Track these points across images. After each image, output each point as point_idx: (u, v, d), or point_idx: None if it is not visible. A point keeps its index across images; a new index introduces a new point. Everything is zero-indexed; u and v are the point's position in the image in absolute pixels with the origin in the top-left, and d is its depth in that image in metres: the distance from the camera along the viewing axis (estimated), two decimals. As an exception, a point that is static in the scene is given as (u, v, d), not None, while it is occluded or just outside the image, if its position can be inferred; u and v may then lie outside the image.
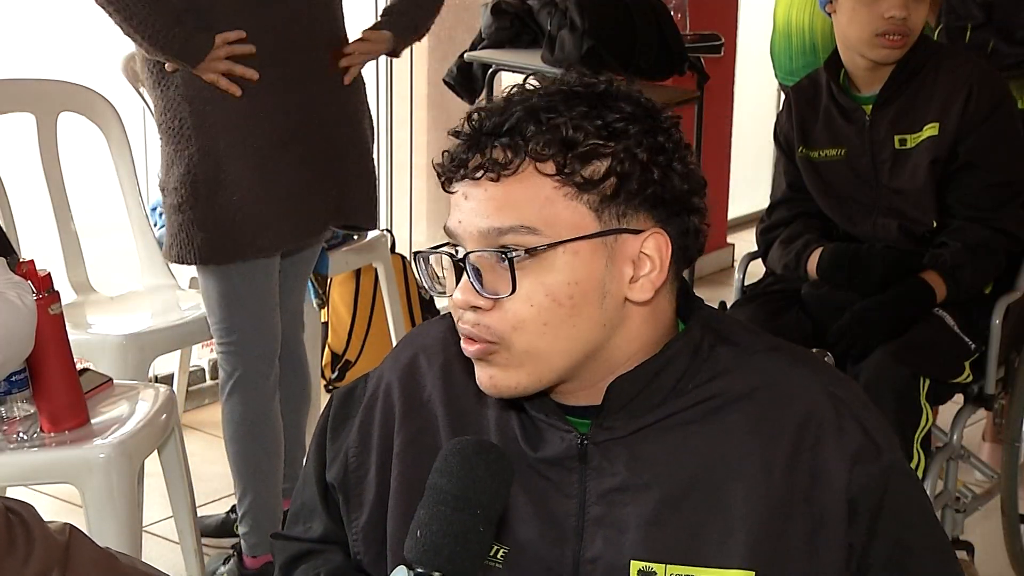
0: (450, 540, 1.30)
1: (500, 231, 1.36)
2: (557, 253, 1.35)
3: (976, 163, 2.88)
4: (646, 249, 1.39)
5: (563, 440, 1.44)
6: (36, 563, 1.50)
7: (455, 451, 1.35)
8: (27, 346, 2.14)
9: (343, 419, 1.57)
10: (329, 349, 4.30)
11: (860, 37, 2.88)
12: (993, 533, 3.29)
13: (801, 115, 3.04)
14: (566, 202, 1.36)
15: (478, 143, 1.38)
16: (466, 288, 1.38)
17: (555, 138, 1.35)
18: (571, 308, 1.37)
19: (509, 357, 1.38)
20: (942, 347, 2.87)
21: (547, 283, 1.36)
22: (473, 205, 1.37)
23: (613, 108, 1.38)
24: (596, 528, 1.42)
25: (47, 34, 3.91)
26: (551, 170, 1.35)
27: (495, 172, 1.36)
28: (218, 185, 2.89)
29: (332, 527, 1.58)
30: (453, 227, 1.40)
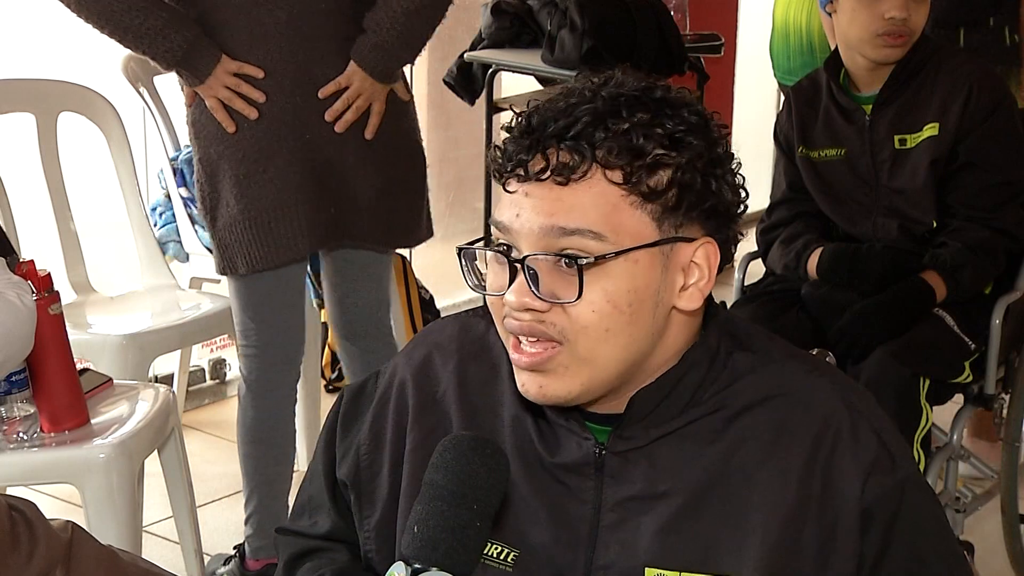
0: (447, 535, 1.31)
1: (564, 231, 1.35)
2: (619, 261, 1.35)
3: (976, 163, 2.88)
4: (696, 258, 1.40)
5: (580, 447, 1.43)
6: (39, 560, 1.50)
7: (451, 447, 1.36)
8: (27, 346, 2.14)
9: (354, 416, 1.56)
10: (329, 349, 4.30)
11: (861, 37, 2.88)
12: (993, 533, 3.29)
13: (801, 115, 3.04)
14: (631, 210, 1.36)
15: (540, 143, 1.36)
16: (522, 290, 1.37)
17: (624, 146, 1.35)
18: (630, 316, 1.37)
19: (568, 362, 1.37)
20: (942, 347, 2.86)
21: (608, 290, 1.36)
22: (535, 203, 1.36)
23: (674, 117, 1.38)
24: (610, 535, 1.42)
25: (47, 34, 3.90)
26: (619, 178, 1.35)
27: (563, 175, 1.35)
28: (217, 197, 2.85)
29: (340, 523, 1.57)
30: (508, 222, 1.38)
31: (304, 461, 3.73)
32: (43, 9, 3.65)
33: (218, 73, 2.78)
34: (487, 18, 4.66)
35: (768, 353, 1.46)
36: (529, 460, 1.45)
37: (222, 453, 3.88)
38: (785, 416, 1.41)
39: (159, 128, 3.68)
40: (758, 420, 1.41)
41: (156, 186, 3.83)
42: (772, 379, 1.43)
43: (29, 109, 3.34)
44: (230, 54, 2.79)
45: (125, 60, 3.63)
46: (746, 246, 3.38)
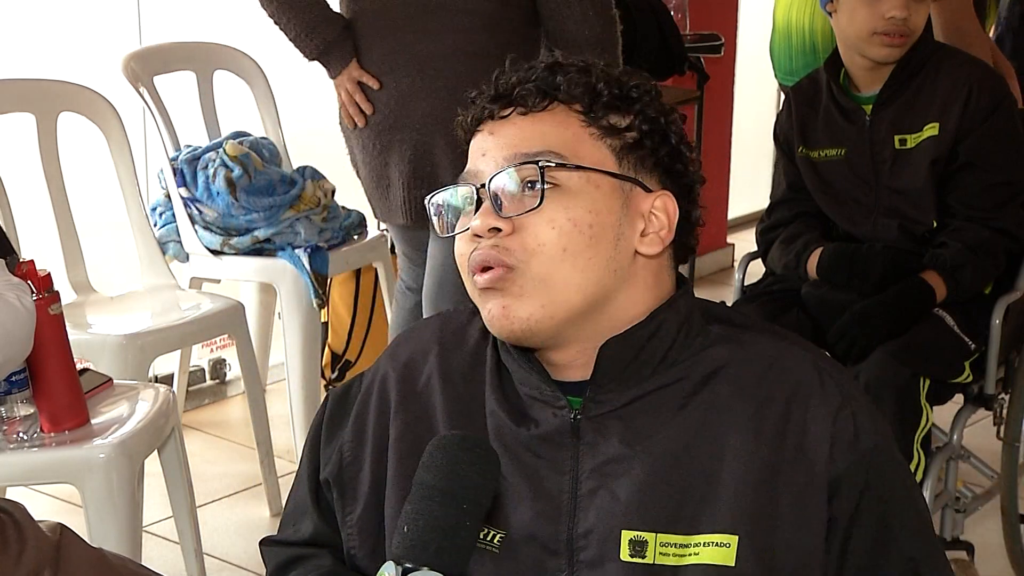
0: (437, 535, 1.31)
1: (527, 155, 1.42)
2: (582, 180, 1.42)
3: (976, 163, 2.88)
4: (656, 208, 1.45)
5: (556, 416, 1.45)
6: (28, 562, 1.50)
7: (440, 446, 1.37)
8: (26, 347, 2.14)
9: (339, 419, 1.57)
10: (329, 349, 4.30)
11: (860, 36, 2.88)
12: (993, 533, 3.29)
13: (801, 115, 3.04)
14: (592, 141, 1.44)
15: (504, 95, 1.46)
16: (487, 212, 1.42)
17: (584, 84, 1.45)
18: (590, 238, 1.41)
19: (524, 283, 1.41)
20: (942, 347, 2.86)
21: (569, 207, 1.41)
22: (499, 138, 1.45)
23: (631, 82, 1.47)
24: (588, 501, 1.43)
25: (47, 34, 3.90)
26: (579, 109, 1.44)
27: (524, 106, 1.44)
28: (355, 161, 3.32)
29: (322, 527, 1.57)
30: (474, 164, 1.46)
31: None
32: (43, 9, 3.66)
33: (343, 76, 3.22)
34: (487, 18, 4.65)
35: (744, 325, 1.50)
36: (508, 439, 1.46)
37: (222, 453, 3.89)
38: (759, 380, 1.44)
39: (159, 128, 3.68)
40: (732, 383, 1.44)
41: (156, 186, 3.83)
42: (748, 345, 1.46)
43: (29, 109, 3.34)
44: (362, 60, 3.20)
45: (125, 60, 3.63)
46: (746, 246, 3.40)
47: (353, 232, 3.82)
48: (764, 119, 5.48)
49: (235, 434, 4.00)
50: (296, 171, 3.77)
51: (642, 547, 1.40)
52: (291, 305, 3.65)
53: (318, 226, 3.68)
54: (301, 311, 3.65)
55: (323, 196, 3.72)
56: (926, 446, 2.82)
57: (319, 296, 3.61)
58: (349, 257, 3.81)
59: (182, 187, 3.64)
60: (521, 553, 1.44)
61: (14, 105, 3.33)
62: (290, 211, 3.64)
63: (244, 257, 3.64)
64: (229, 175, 3.59)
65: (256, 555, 3.39)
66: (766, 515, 1.40)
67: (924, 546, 1.47)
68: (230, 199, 3.58)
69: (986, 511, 3.28)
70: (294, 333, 3.67)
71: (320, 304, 3.64)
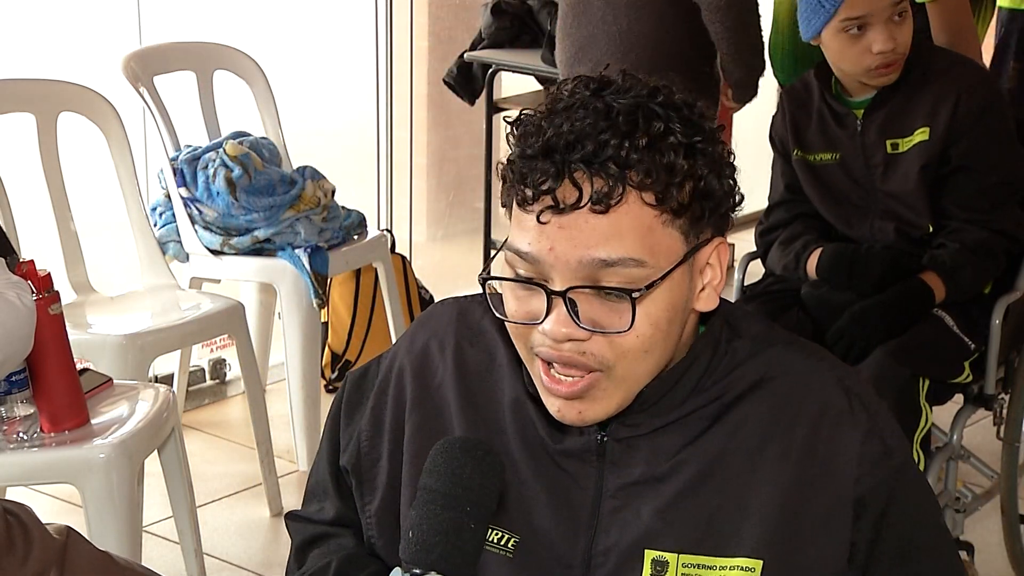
0: (441, 539, 1.31)
1: (606, 263, 1.32)
2: (662, 282, 1.34)
3: (970, 166, 2.87)
4: (711, 259, 1.40)
5: (583, 433, 1.44)
6: (34, 564, 1.51)
7: (442, 450, 1.36)
8: (26, 346, 2.14)
9: (357, 402, 1.57)
10: (329, 349, 4.30)
11: (853, 73, 2.87)
12: (993, 533, 3.29)
13: (794, 118, 3.04)
14: (664, 230, 1.34)
15: (568, 169, 1.31)
16: (565, 321, 1.33)
17: (656, 165, 1.31)
18: (667, 332, 1.37)
19: (608, 385, 1.37)
20: (942, 347, 2.86)
21: (651, 313, 1.34)
22: (572, 234, 1.31)
23: (682, 121, 1.35)
24: (610, 520, 1.42)
25: (47, 34, 3.90)
26: (652, 199, 1.32)
27: (602, 204, 1.31)
28: None
29: (344, 510, 1.58)
30: (539, 254, 1.33)
31: (304, 461, 3.74)
32: (43, 9, 3.66)
33: None
34: (487, 18, 4.66)
35: (767, 339, 1.47)
36: (532, 445, 1.45)
37: (222, 453, 3.89)
38: (784, 400, 1.42)
39: (159, 128, 3.68)
40: (757, 404, 1.42)
41: (156, 186, 3.83)
42: (772, 364, 1.44)
43: (29, 109, 3.34)
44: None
45: (125, 60, 3.63)
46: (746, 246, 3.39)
47: (353, 232, 3.82)
48: (764, 119, 5.45)
49: (235, 434, 4.00)
50: (296, 171, 3.77)
51: (663, 567, 1.40)
52: (291, 305, 3.65)
53: (318, 226, 3.68)
54: (301, 311, 3.65)
55: (323, 196, 3.72)
56: (926, 446, 2.82)
57: (319, 296, 3.61)
58: (349, 257, 3.81)
59: (182, 187, 3.64)
60: (534, 562, 1.44)
61: (14, 105, 3.33)
62: (290, 211, 3.64)
63: (244, 257, 3.64)
64: (229, 175, 3.59)
65: (256, 555, 3.41)
66: (791, 538, 1.39)
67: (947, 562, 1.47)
68: (230, 199, 3.58)
69: (986, 511, 3.28)
70: (294, 333, 3.67)
71: (320, 304, 3.64)
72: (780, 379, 1.43)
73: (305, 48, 5.24)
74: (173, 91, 3.76)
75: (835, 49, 2.86)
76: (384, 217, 4.96)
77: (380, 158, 4.98)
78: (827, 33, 2.85)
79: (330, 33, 5.35)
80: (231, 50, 3.91)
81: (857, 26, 2.80)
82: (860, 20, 2.80)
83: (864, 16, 2.79)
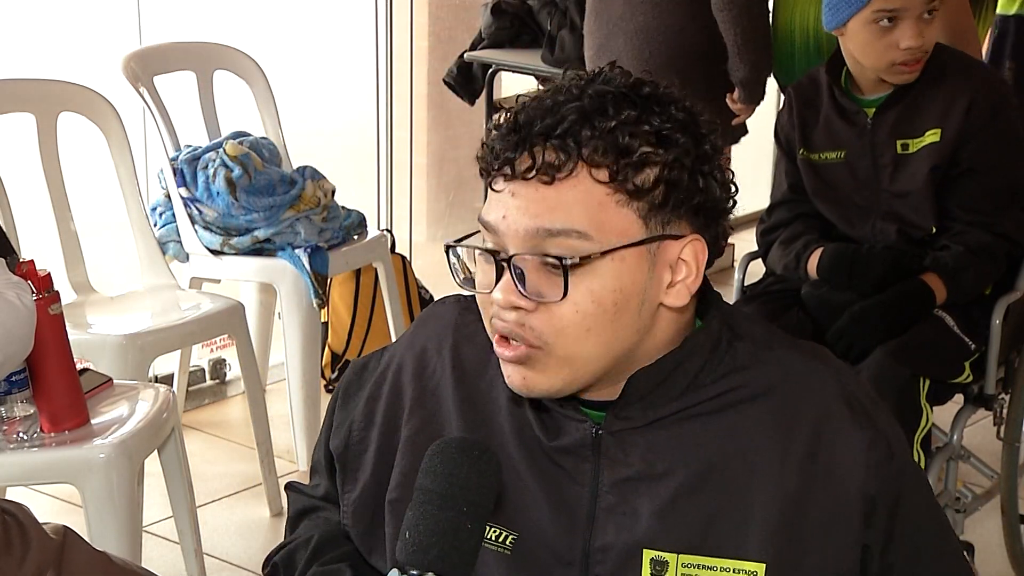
0: (438, 539, 1.32)
1: (550, 232, 1.35)
2: (605, 260, 1.35)
3: (977, 168, 2.87)
4: (684, 255, 1.40)
5: (578, 429, 1.44)
6: (31, 564, 1.51)
7: (438, 451, 1.37)
8: (26, 346, 2.14)
9: (356, 388, 1.58)
10: (329, 349, 4.30)
11: (876, 67, 2.85)
12: (993, 533, 3.29)
13: (802, 115, 3.03)
14: (617, 208, 1.36)
15: (527, 141, 1.36)
16: (508, 288, 1.37)
17: (610, 144, 1.34)
18: (614, 314, 1.37)
19: (548, 362, 1.38)
20: (942, 347, 2.86)
21: (594, 289, 1.36)
22: (521, 204, 1.36)
23: (661, 113, 1.37)
24: (607, 517, 1.42)
25: (47, 34, 3.91)
26: (604, 177, 1.35)
27: (548, 175, 1.35)
28: None
29: (331, 490, 1.61)
30: (495, 222, 1.38)
31: (304, 461, 3.74)
32: (43, 9, 3.66)
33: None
34: (487, 18, 4.66)
35: (769, 342, 1.47)
36: (528, 443, 1.46)
37: (222, 453, 3.89)
38: (786, 403, 1.42)
39: (159, 128, 3.68)
40: (759, 406, 1.42)
41: (156, 186, 3.83)
42: (774, 367, 1.44)
43: (29, 109, 3.34)
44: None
45: (125, 60, 3.63)
46: (746, 246, 3.39)
47: (353, 232, 3.82)
48: (765, 119, 5.46)
49: (235, 434, 4.00)
50: (296, 171, 3.77)
51: (663, 567, 1.40)
52: (291, 305, 3.65)
53: (318, 226, 3.68)
54: (301, 311, 3.65)
55: (323, 196, 3.72)
56: (926, 446, 2.82)
57: (319, 296, 3.61)
58: (349, 257, 3.81)
59: (182, 187, 3.64)
60: (532, 559, 1.44)
61: (14, 105, 3.33)
62: (290, 211, 3.64)
63: (244, 257, 3.64)
64: (229, 175, 3.59)
65: (256, 555, 3.41)
66: (794, 542, 1.39)
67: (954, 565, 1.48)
68: (230, 199, 3.58)
69: (986, 511, 3.28)
70: (294, 333, 3.67)
71: (320, 304, 3.64)
72: (782, 384, 1.43)
73: (305, 48, 5.25)
74: (173, 91, 3.77)
75: (861, 40, 2.84)
76: (384, 217, 4.96)
77: (380, 158, 4.98)
78: (855, 23, 2.83)
79: (330, 33, 5.35)
80: (231, 50, 3.91)
81: (888, 18, 2.79)
82: (893, 12, 2.78)
83: (898, 9, 2.78)
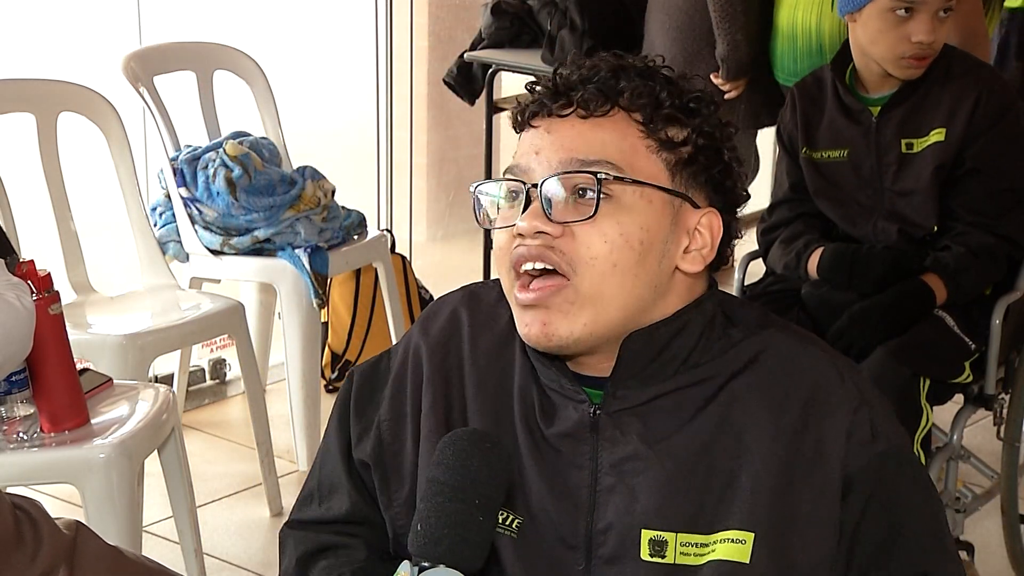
0: (449, 531, 1.32)
1: (583, 163, 1.40)
2: (636, 194, 1.40)
3: (982, 169, 2.87)
4: (701, 226, 1.45)
5: (576, 411, 1.45)
6: (44, 559, 1.51)
7: (450, 443, 1.37)
8: (25, 347, 2.14)
9: (369, 395, 1.56)
10: (329, 349, 4.30)
11: (884, 57, 2.85)
12: (993, 533, 3.29)
13: (805, 114, 3.03)
14: (647, 154, 1.42)
15: (565, 89, 1.43)
16: (536, 214, 1.40)
17: (647, 92, 1.42)
18: (640, 254, 1.40)
19: (574, 297, 1.40)
20: (942, 347, 2.86)
21: (622, 221, 1.40)
22: (555, 139, 1.42)
23: (690, 91, 1.45)
24: (608, 497, 1.43)
25: (47, 34, 3.91)
26: (639, 119, 1.42)
27: (586, 109, 1.41)
28: None
29: (359, 502, 1.55)
30: (525, 161, 1.43)
31: (304, 461, 3.74)
32: (43, 9, 3.66)
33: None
34: (487, 18, 4.66)
35: (762, 324, 1.50)
36: (532, 430, 1.47)
37: (222, 453, 3.89)
38: (777, 380, 1.44)
39: (159, 128, 3.68)
40: (752, 384, 1.44)
41: (156, 186, 3.83)
42: (764, 344, 1.46)
43: (29, 109, 3.34)
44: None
45: (125, 60, 3.63)
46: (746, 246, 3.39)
47: (353, 232, 3.82)
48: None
49: (235, 434, 4.00)
50: (296, 171, 3.77)
51: (662, 547, 1.41)
52: (291, 305, 3.65)
53: (318, 226, 3.68)
54: (301, 311, 3.65)
55: (323, 196, 3.72)
56: (926, 446, 2.82)
57: (319, 296, 3.61)
58: (349, 257, 3.81)
59: (182, 187, 3.64)
60: (538, 542, 1.44)
61: (14, 105, 3.33)
62: (290, 211, 3.64)
63: (244, 257, 3.64)
64: (229, 175, 3.59)
65: (256, 555, 3.41)
66: (783, 514, 1.40)
67: (936, 556, 1.46)
68: (230, 199, 3.58)
69: (986, 511, 3.28)
70: (294, 333, 3.68)
71: (320, 304, 3.64)
72: (774, 362, 1.45)
73: (305, 48, 5.25)
74: (173, 91, 3.77)
75: (873, 29, 2.84)
76: (384, 217, 4.96)
77: (380, 158, 4.98)
78: (871, 10, 2.83)
79: (330, 33, 5.35)
80: (231, 50, 3.91)
81: (905, 8, 2.79)
82: (911, 4, 2.79)
83: (916, 2, 2.78)
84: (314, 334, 3.73)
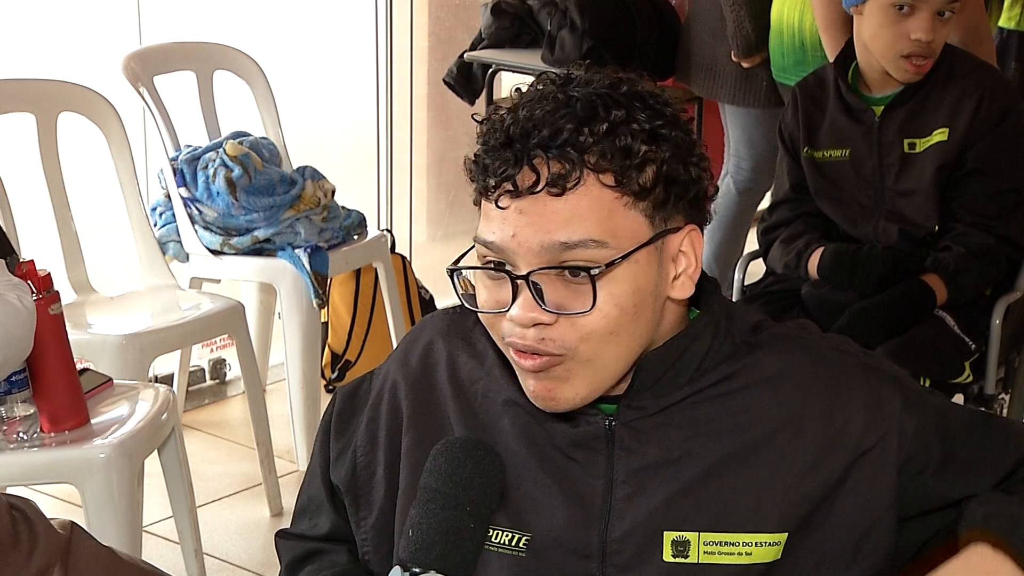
0: (441, 537, 1.32)
1: (567, 245, 1.33)
2: (624, 264, 1.35)
3: (983, 169, 2.87)
4: (684, 247, 1.41)
5: (589, 423, 1.44)
6: (39, 559, 1.51)
7: (442, 450, 1.37)
8: (26, 347, 2.14)
9: (348, 416, 1.56)
10: (329, 349, 4.30)
11: (884, 55, 2.85)
12: (993, 533, 3.28)
13: (807, 114, 3.03)
14: (625, 211, 1.35)
15: (526, 155, 1.34)
16: (530, 305, 1.35)
17: (612, 148, 1.34)
18: (634, 315, 1.37)
19: (572, 367, 1.37)
20: (942, 347, 2.86)
21: (615, 294, 1.35)
22: (531, 220, 1.34)
23: (645, 109, 1.37)
24: (625, 506, 1.42)
25: (47, 34, 3.91)
26: (611, 181, 1.34)
27: (557, 186, 1.33)
28: None
29: (339, 524, 1.57)
30: (502, 241, 1.35)
31: (304, 461, 3.74)
32: (43, 9, 3.66)
33: None
34: (487, 18, 4.66)
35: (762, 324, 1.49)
36: (536, 441, 1.45)
37: (222, 453, 3.89)
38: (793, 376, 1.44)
39: (159, 128, 3.68)
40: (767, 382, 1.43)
41: (156, 186, 3.83)
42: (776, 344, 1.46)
43: (29, 109, 3.34)
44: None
45: (125, 60, 3.63)
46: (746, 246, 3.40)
47: (353, 232, 3.82)
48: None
49: (235, 434, 4.00)
50: (296, 171, 3.77)
51: (685, 547, 1.41)
52: (291, 305, 3.65)
53: (318, 226, 3.68)
54: (301, 311, 3.65)
55: (323, 196, 3.72)
56: (926, 446, 2.82)
57: (319, 296, 3.61)
58: (349, 257, 3.81)
59: (182, 187, 3.64)
60: (548, 557, 1.43)
61: (14, 105, 3.33)
62: (290, 211, 3.64)
63: (244, 257, 3.64)
64: (229, 175, 3.59)
65: (256, 555, 3.41)
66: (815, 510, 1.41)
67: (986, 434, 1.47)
68: (230, 199, 3.58)
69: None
70: (294, 333, 3.68)
71: (320, 304, 3.64)
72: (776, 357, 1.45)
73: (305, 48, 5.25)
74: (173, 91, 3.77)
75: (873, 24, 2.85)
76: (384, 217, 4.96)
77: (380, 158, 4.98)
78: (873, 4, 2.84)
79: (330, 33, 5.35)
80: (231, 50, 3.91)
81: (908, 5, 2.79)
82: (912, 0, 2.79)
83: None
84: (314, 334, 3.73)
